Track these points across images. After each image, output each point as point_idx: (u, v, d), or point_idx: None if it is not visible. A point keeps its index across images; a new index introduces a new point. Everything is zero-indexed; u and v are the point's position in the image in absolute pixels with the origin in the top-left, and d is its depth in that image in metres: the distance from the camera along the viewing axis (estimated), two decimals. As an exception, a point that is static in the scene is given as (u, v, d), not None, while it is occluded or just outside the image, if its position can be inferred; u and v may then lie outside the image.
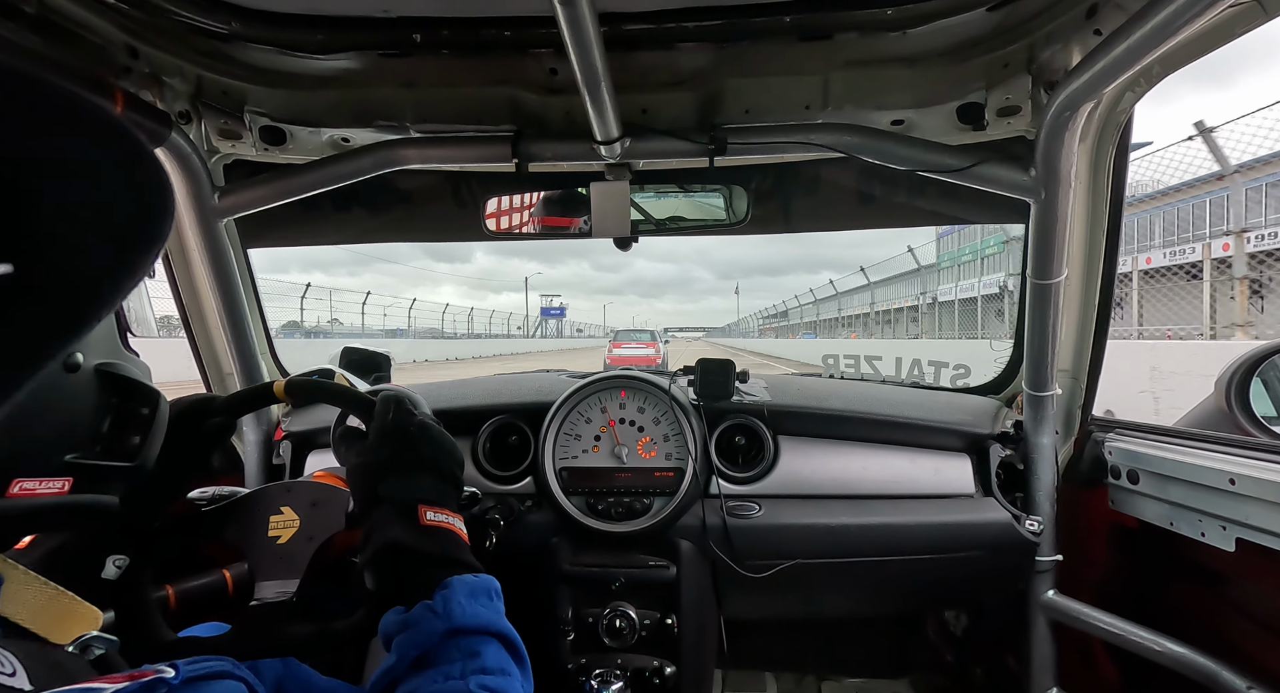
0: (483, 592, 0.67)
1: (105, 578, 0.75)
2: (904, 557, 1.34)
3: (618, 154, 1.21)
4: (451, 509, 0.75)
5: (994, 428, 1.43)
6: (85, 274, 0.42)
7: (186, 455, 0.80)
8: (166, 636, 0.74)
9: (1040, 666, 1.39)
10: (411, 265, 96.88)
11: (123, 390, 0.60)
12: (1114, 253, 1.27)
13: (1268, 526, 0.98)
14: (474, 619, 0.63)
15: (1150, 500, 1.22)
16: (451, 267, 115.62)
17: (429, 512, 0.72)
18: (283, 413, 1.62)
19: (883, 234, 50.31)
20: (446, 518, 0.73)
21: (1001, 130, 1.20)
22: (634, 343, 20.98)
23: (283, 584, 0.80)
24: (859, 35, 1.07)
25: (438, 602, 0.64)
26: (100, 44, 1.02)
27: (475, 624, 0.63)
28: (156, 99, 1.14)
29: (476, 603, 0.65)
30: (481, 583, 0.68)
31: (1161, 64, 1.00)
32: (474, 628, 0.63)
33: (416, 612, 0.63)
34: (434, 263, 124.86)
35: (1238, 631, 1.12)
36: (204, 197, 1.28)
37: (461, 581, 0.67)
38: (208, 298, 1.45)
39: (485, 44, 1.09)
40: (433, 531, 0.71)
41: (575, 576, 1.34)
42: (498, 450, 1.47)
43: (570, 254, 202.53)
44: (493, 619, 0.65)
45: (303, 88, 1.19)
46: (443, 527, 0.72)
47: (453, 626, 0.62)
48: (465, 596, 0.65)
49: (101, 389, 0.58)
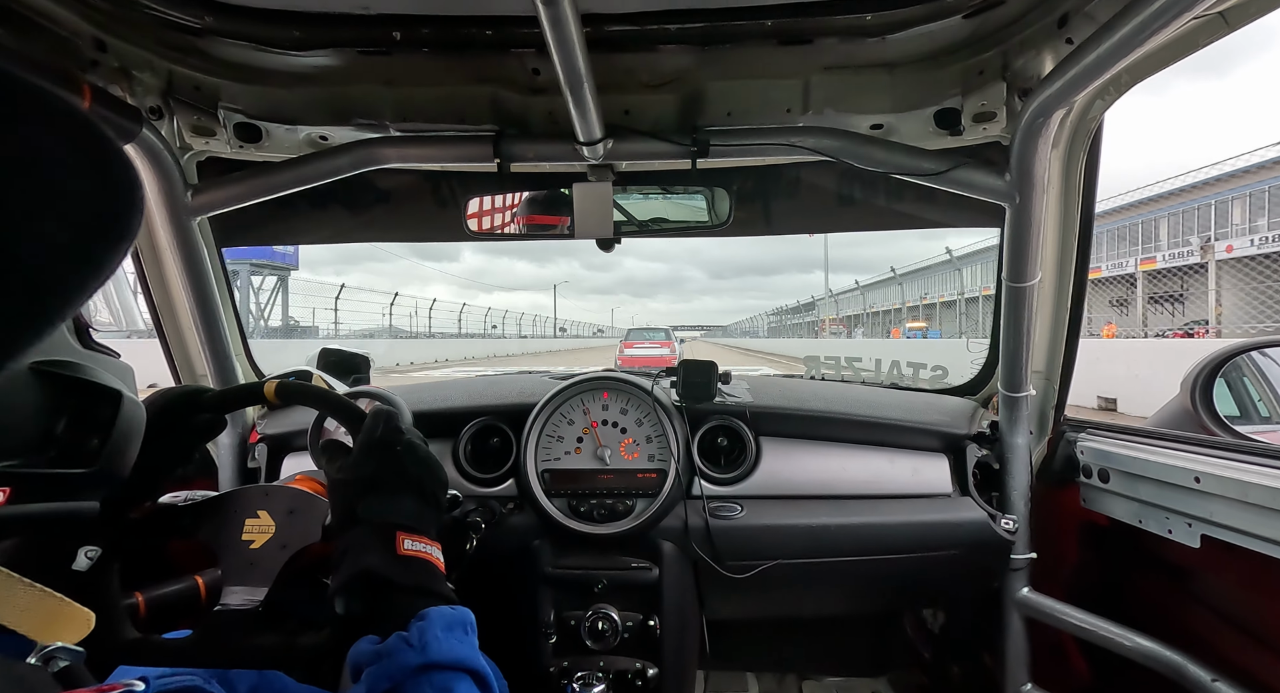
0: (459, 625, 0.65)
1: (76, 569, 0.73)
2: (883, 556, 1.35)
3: (600, 155, 1.21)
4: (430, 537, 0.73)
5: (971, 428, 1.45)
6: (50, 271, 0.40)
7: (170, 449, 0.78)
8: (129, 635, 0.72)
9: (1015, 662, 1.42)
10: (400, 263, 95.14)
11: (75, 391, 0.57)
12: (1085, 256, 1.30)
13: (1231, 523, 1.01)
14: (449, 654, 0.62)
15: (1120, 499, 1.26)
16: (439, 265, 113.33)
17: (407, 540, 0.70)
18: (259, 415, 1.59)
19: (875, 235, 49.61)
20: (424, 547, 0.71)
21: (977, 135, 1.22)
22: (647, 342, 19.60)
23: (250, 591, 0.77)
24: (839, 40, 1.08)
25: (413, 634, 0.62)
26: (66, 36, 0.99)
27: (450, 659, 0.61)
28: (126, 94, 1.11)
29: (452, 637, 0.63)
30: (458, 616, 0.66)
31: (1130, 73, 1.02)
32: (448, 664, 0.61)
33: (391, 643, 0.62)
34: (421, 261, 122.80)
35: (1203, 625, 1.15)
36: (176, 194, 1.25)
37: (439, 612, 0.65)
38: (180, 298, 1.42)
39: (467, 43, 1.09)
40: (409, 560, 0.69)
41: (557, 578, 1.33)
42: (479, 452, 1.46)
43: (560, 253, 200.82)
44: (468, 655, 0.63)
45: (279, 84, 1.16)
46: (419, 556, 0.70)
47: (428, 660, 0.60)
48: (442, 628, 0.63)
49: (41, 390, 0.55)
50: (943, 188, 1.19)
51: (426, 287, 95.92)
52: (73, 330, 0.60)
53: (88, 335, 0.62)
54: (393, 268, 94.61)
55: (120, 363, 0.64)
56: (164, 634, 0.85)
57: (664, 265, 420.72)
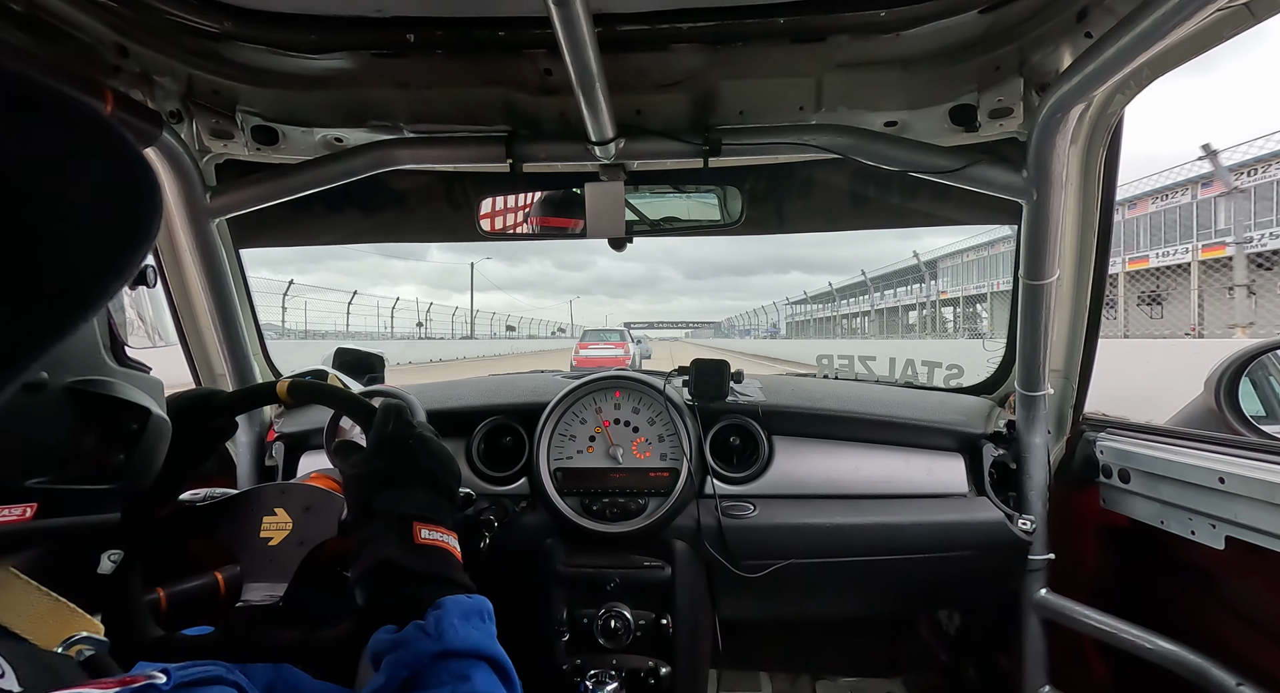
0: (475, 613, 0.66)
1: (101, 573, 0.74)
2: (898, 556, 1.34)
3: (612, 155, 1.21)
4: (446, 526, 0.74)
5: (987, 428, 1.44)
6: (70, 274, 0.41)
7: (185, 455, 0.79)
8: (152, 633, 0.73)
9: (1032, 664, 1.40)
10: (365, 262, 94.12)
11: (104, 407, 0.57)
12: (1105, 253, 1.28)
13: (1257, 524, 0.99)
14: (466, 642, 0.62)
15: (1141, 499, 1.23)
16: (407, 264, 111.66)
17: (424, 529, 0.71)
18: (275, 414, 1.61)
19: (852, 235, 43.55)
20: (441, 536, 0.72)
21: (994, 132, 1.21)
22: (602, 343, 19.88)
23: (270, 587, 0.79)
24: (852, 37, 1.07)
25: (430, 622, 0.63)
26: (90, 43, 1.02)
27: (467, 647, 0.62)
28: (147, 98, 1.13)
29: (469, 625, 0.64)
30: (475, 604, 0.67)
31: (1151, 67, 1.01)
32: (465, 651, 0.62)
33: (408, 632, 0.62)
34: (386, 259, 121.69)
35: (1227, 628, 1.13)
36: (195, 197, 1.28)
37: (455, 601, 0.66)
38: (199, 298, 1.44)
39: (479, 44, 1.09)
40: (426, 549, 0.70)
41: (570, 577, 1.34)
42: (492, 451, 1.47)
43: (531, 252, 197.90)
44: (484, 642, 0.64)
45: (295, 87, 1.18)
46: (436, 545, 0.71)
47: (444, 648, 0.61)
48: (458, 617, 0.64)
49: (74, 408, 0.55)
50: (958, 185, 1.18)
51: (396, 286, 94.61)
52: (109, 347, 0.61)
53: (123, 353, 0.63)
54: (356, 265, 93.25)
55: (150, 378, 0.65)
56: (185, 629, 0.87)
57: (639, 265, 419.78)
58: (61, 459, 0.55)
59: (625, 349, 19.27)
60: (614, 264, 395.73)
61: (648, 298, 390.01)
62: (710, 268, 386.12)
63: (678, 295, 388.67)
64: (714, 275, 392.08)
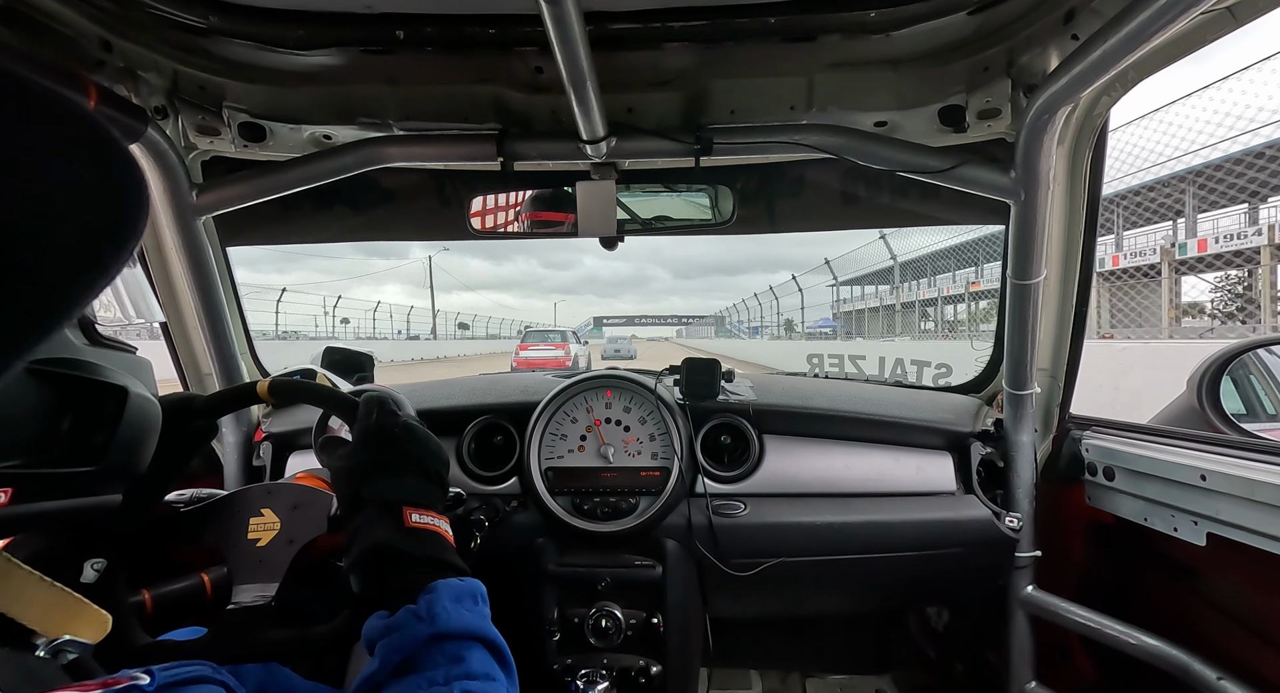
0: (468, 596, 0.66)
1: (84, 582, 0.73)
2: (887, 554, 1.35)
3: (603, 153, 1.21)
4: (437, 511, 0.74)
5: (975, 426, 1.45)
6: (54, 272, 0.40)
7: (166, 461, 0.79)
8: (141, 640, 0.73)
9: (1019, 660, 1.42)
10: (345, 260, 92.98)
11: (77, 388, 0.56)
12: (1091, 253, 1.30)
13: (1237, 520, 1.01)
14: (459, 624, 0.62)
15: (1125, 497, 1.25)
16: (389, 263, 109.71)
17: (414, 514, 0.71)
18: (263, 414, 1.60)
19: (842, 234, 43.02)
20: (432, 519, 0.72)
21: (982, 133, 1.22)
22: (543, 345, 19.70)
23: (261, 588, 0.78)
24: (843, 37, 1.08)
25: (422, 606, 0.63)
26: (73, 37, 1.00)
27: (460, 629, 0.62)
28: (131, 94, 1.12)
29: (461, 607, 0.64)
30: (467, 587, 0.67)
31: (1136, 69, 1.02)
32: (459, 633, 0.62)
33: (400, 616, 0.62)
34: (367, 258, 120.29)
35: (1209, 623, 1.15)
36: (181, 194, 1.26)
37: (446, 584, 0.66)
38: (185, 297, 1.43)
39: (470, 42, 1.09)
40: (418, 532, 0.70)
41: (561, 576, 1.34)
42: (483, 451, 1.46)
43: (517, 251, 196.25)
44: (478, 624, 0.64)
45: (283, 84, 1.17)
46: (428, 528, 0.71)
47: (437, 630, 0.61)
48: (450, 599, 0.64)
49: (40, 391, 0.54)
50: (947, 185, 1.19)
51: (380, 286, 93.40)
52: (77, 327, 0.60)
53: (94, 332, 0.62)
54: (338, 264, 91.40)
55: (136, 358, 0.63)
56: (171, 630, 0.86)
57: (627, 264, 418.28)
58: (33, 443, 0.54)
59: (566, 350, 19.34)
60: (602, 263, 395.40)
61: (637, 297, 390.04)
62: (699, 267, 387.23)
63: (667, 295, 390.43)
64: (703, 275, 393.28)
